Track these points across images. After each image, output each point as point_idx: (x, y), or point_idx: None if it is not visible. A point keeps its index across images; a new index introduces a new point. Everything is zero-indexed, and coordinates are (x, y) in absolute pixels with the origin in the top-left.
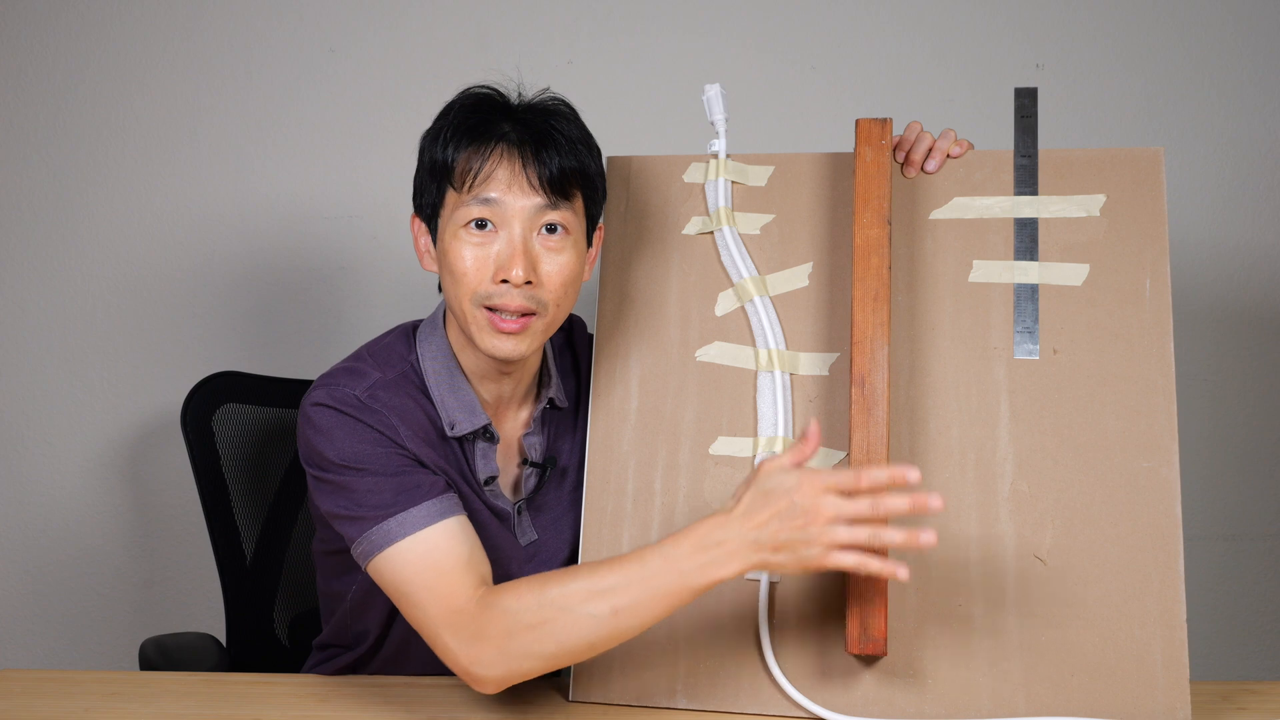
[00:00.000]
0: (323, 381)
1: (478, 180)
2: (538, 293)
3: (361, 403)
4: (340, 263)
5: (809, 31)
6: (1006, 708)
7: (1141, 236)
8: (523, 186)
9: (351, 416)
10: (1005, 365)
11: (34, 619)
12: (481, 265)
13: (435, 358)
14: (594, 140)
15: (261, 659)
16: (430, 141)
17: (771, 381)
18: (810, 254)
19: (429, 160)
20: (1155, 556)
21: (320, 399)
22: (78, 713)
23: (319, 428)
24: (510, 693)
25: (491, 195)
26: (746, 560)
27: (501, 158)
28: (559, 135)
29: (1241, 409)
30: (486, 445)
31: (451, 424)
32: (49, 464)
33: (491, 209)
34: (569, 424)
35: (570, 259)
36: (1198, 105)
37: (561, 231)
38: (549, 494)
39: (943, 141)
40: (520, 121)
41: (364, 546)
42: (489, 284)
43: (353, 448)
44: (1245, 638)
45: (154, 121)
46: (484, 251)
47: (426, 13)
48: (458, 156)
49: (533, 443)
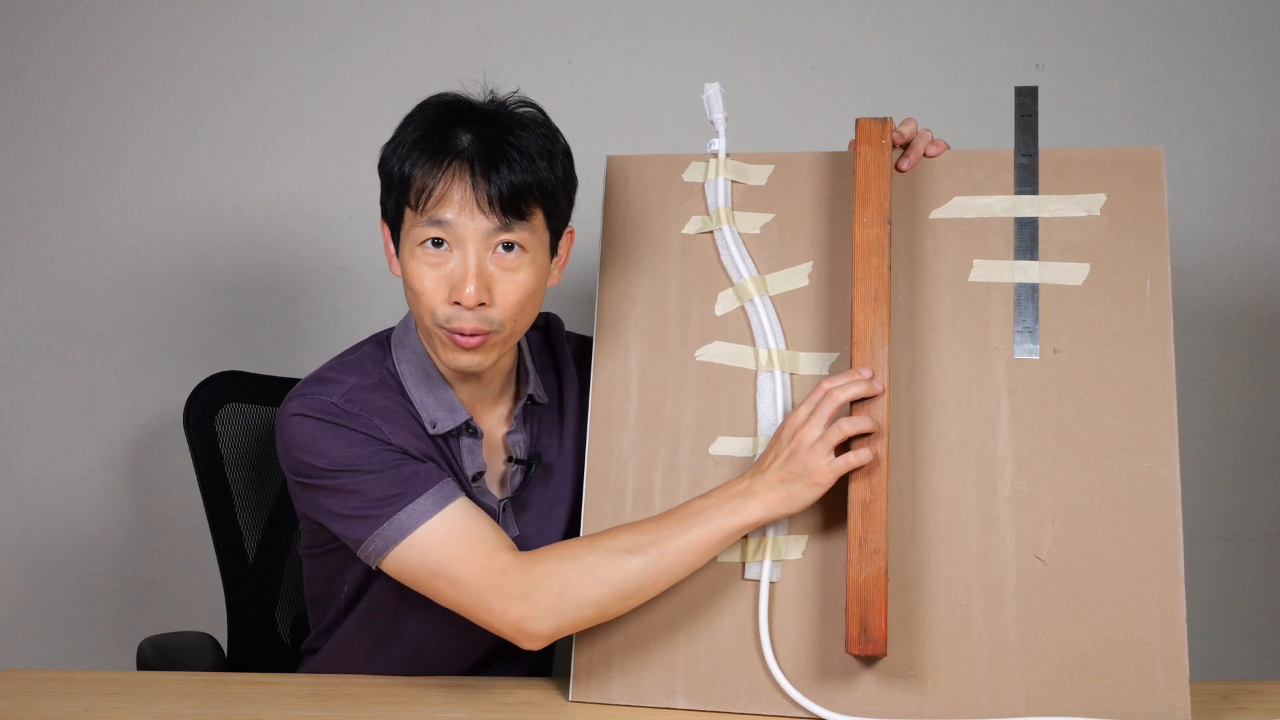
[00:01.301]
0: (297, 393)
1: (431, 201)
2: (491, 313)
3: (340, 408)
4: (340, 263)
5: (809, 31)
6: (1006, 708)
7: (1142, 236)
8: (474, 209)
9: (332, 423)
10: (1005, 365)
11: (34, 619)
12: (437, 285)
13: (410, 360)
14: (559, 147)
15: (263, 659)
16: (389, 153)
17: (771, 381)
18: (810, 253)
19: (386, 173)
20: (1155, 556)
21: (297, 410)
22: (78, 713)
23: (300, 440)
24: (510, 693)
25: (445, 217)
26: (764, 499)
27: (455, 178)
28: (514, 151)
29: (1241, 409)
30: (471, 441)
31: (433, 423)
32: (49, 464)
33: (445, 230)
34: (553, 420)
35: (527, 277)
36: (1198, 105)
37: (518, 250)
38: (534, 491)
39: (919, 141)
40: (478, 135)
41: (376, 544)
42: (444, 306)
43: (341, 452)
44: (1245, 638)
45: (154, 121)
46: (440, 272)
47: (426, 13)
48: (414, 173)
49: (516, 440)
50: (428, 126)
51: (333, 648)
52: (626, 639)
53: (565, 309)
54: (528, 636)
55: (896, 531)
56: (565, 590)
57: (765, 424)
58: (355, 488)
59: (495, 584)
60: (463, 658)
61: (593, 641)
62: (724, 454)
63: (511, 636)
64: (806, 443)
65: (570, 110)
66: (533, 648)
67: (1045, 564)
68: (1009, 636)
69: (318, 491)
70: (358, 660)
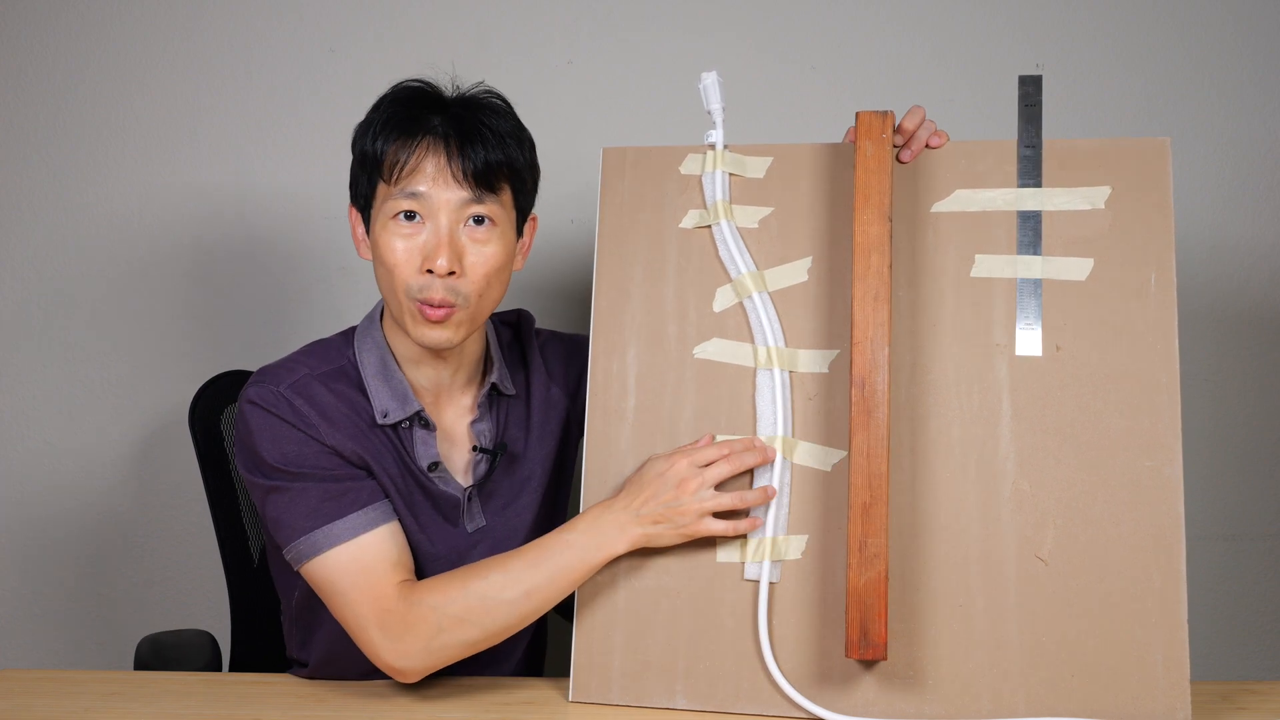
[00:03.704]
0: (256, 378)
1: (404, 173)
2: (459, 284)
3: (282, 398)
4: (340, 263)
5: (809, 30)
6: (1006, 708)
7: (1147, 230)
8: (448, 180)
9: (274, 415)
10: (1007, 362)
11: (34, 619)
12: (410, 256)
13: (370, 350)
14: (526, 134)
15: (265, 659)
16: (361, 133)
17: (770, 379)
18: (810, 248)
19: (359, 152)
20: (1157, 556)
21: (251, 396)
22: (78, 713)
23: (249, 429)
24: (510, 693)
25: (419, 189)
26: (631, 535)
27: (428, 151)
28: (486, 129)
29: (1242, 409)
30: (425, 433)
31: (384, 412)
32: (49, 464)
33: (418, 202)
34: (521, 414)
35: (496, 250)
36: (1198, 105)
37: (488, 223)
38: (499, 480)
39: (922, 132)
40: (450, 115)
41: (293, 553)
42: (417, 275)
43: (280, 449)
44: (1245, 638)
45: (154, 121)
46: (412, 243)
47: (426, 13)
48: (386, 149)
49: (481, 429)
50: (399, 107)
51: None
52: (626, 639)
53: (561, 305)
54: (399, 673)
55: (896, 531)
56: (438, 635)
57: (764, 422)
58: (289, 490)
59: (379, 621)
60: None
61: (593, 641)
62: None
63: (386, 670)
64: (691, 497)
65: (570, 110)
66: (405, 681)
67: (1046, 564)
68: (1010, 637)
69: (255, 487)
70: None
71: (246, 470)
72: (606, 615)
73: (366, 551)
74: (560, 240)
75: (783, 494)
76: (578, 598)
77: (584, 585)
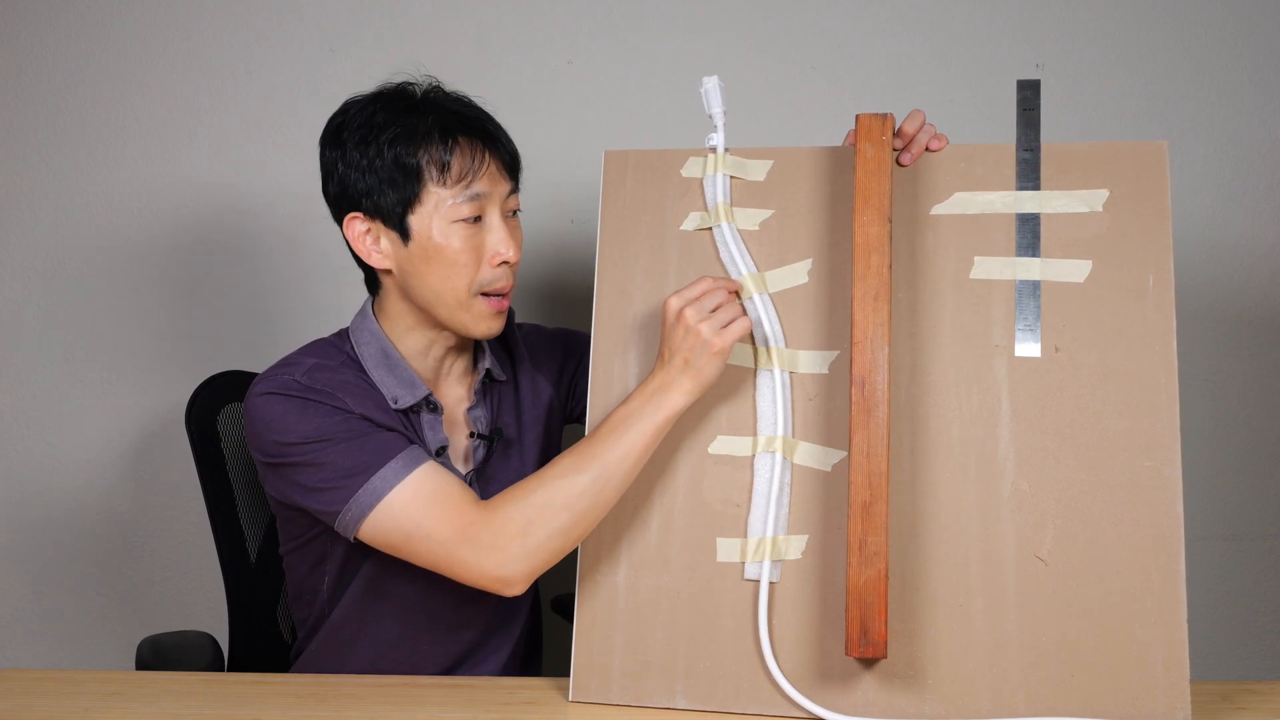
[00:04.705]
0: (260, 379)
1: (474, 175)
2: (515, 269)
3: (303, 384)
4: (340, 263)
5: (809, 31)
6: (1006, 708)
7: (1145, 232)
8: (497, 174)
9: (298, 398)
10: (1006, 363)
11: (34, 619)
12: (476, 254)
13: (369, 344)
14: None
15: (263, 658)
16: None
17: (771, 380)
18: (810, 250)
19: (382, 163)
20: (1156, 556)
21: (262, 390)
22: (78, 713)
23: (267, 419)
24: (510, 693)
25: (481, 190)
26: (680, 384)
27: (485, 153)
28: (492, 122)
29: (1242, 409)
30: (432, 416)
31: (394, 399)
32: (49, 464)
33: (480, 202)
34: (511, 399)
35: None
36: (1198, 105)
37: (517, 212)
38: (496, 466)
39: (922, 135)
40: (462, 115)
41: (352, 512)
42: (488, 269)
43: (309, 424)
44: (1245, 638)
45: (154, 121)
46: (472, 242)
47: (426, 13)
48: (449, 157)
49: (477, 415)
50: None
51: (318, 644)
52: (626, 639)
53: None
54: (505, 584)
55: (896, 531)
56: (529, 528)
57: (764, 422)
58: (325, 459)
59: (466, 537)
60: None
61: (593, 641)
62: (723, 453)
63: (490, 587)
64: (694, 321)
65: (570, 110)
66: (514, 593)
67: (1046, 564)
68: (1009, 637)
69: (289, 469)
70: (342, 652)
71: (267, 456)
72: (606, 615)
73: (426, 482)
74: (560, 241)
75: (783, 494)
76: (578, 598)
77: (584, 585)
